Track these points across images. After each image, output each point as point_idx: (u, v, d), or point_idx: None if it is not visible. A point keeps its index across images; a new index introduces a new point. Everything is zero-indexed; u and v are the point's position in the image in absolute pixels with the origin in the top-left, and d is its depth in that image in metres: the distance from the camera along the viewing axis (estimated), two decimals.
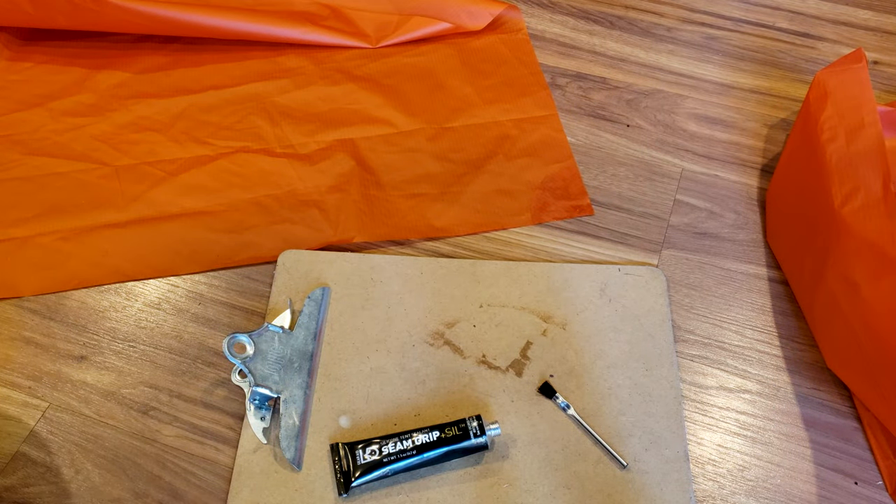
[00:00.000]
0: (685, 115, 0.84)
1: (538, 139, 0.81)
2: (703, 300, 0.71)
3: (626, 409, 0.63)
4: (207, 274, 0.71)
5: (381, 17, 0.88)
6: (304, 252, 0.71)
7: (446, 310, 0.68)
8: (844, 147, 0.64)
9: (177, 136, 0.80)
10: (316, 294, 0.67)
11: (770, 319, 0.70)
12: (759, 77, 0.88)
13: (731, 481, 0.61)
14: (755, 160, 0.81)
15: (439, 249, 0.73)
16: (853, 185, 0.62)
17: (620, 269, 0.71)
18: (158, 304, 0.69)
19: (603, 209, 0.76)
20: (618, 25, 0.93)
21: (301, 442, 0.60)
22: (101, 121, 0.81)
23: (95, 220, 0.74)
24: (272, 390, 0.61)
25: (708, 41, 0.91)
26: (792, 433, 0.64)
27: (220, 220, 0.74)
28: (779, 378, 0.66)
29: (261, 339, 0.63)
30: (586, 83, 0.87)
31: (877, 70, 0.89)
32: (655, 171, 0.79)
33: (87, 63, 0.86)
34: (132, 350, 0.67)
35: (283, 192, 0.76)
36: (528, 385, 0.64)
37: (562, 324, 0.67)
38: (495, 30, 0.91)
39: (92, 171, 0.77)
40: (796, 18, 0.94)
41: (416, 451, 0.58)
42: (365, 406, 0.63)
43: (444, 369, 0.65)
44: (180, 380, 0.65)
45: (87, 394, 0.64)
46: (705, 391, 0.66)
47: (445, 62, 0.88)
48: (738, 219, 0.76)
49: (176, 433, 0.62)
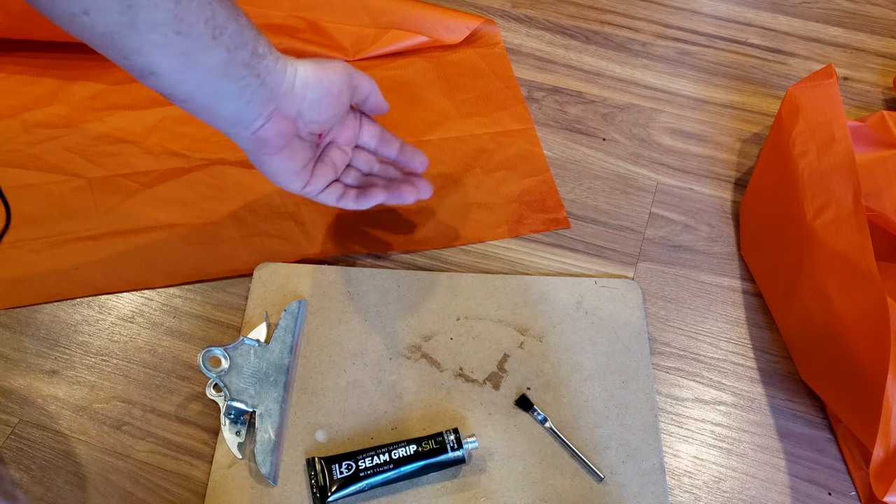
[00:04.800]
0: (660, 129, 0.85)
1: (515, 152, 0.82)
2: (679, 312, 0.71)
3: (603, 422, 0.63)
4: (182, 287, 0.71)
5: (359, 31, 0.88)
6: (281, 265, 0.71)
7: (423, 323, 0.68)
8: (816, 161, 0.65)
9: (151, 147, 0.79)
10: (292, 307, 0.66)
11: (744, 331, 0.70)
12: (732, 92, 0.89)
13: (707, 493, 0.62)
14: (729, 174, 0.82)
15: (416, 262, 0.73)
16: (825, 198, 0.63)
17: (597, 281, 0.71)
18: (132, 318, 0.69)
19: (579, 222, 0.77)
20: (593, 40, 0.94)
21: (277, 457, 0.60)
22: (74, 132, 0.80)
23: (68, 232, 0.73)
24: (248, 404, 0.60)
25: (682, 56, 0.93)
26: (766, 444, 0.64)
27: (196, 233, 0.73)
28: (753, 390, 0.67)
29: (236, 352, 0.62)
30: (562, 97, 0.88)
31: (847, 86, 0.91)
32: (631, 184, 0.80)
33: (61, 74, 0.85)
34: (105, 364, 0.66)
35: (259, 204, 0.76)
36: (506, 398, 0.64)
37: (539, 336, 0.68)
38: (472, 44, 0.92)
39: (65, 182, 0.76)
40: (768, 35, 0.96)
41: (393, 465, 0.58)
42: (341, 420, 0.62)
43: (421, 382, 0.65)
44: (154, 394, 0.64)
45: (58, 409, 0.63)
46: (681, 403, 0.66)
47: (422, 75, 0.88)
48: (713, 232, 0.77)
49: (149, 448, 0.62)
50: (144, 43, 0.45)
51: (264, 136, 0.55)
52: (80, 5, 0.43)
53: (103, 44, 0.46)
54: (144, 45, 0.45)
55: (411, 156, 0.67)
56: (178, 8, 0.45)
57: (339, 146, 0.63)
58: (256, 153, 0.57)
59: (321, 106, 0.57)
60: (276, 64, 0.53)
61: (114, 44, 0.45)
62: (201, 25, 0.46)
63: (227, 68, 0.49)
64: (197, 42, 0.47)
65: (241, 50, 0.50)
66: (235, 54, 0.49)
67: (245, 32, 0.50)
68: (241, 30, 0.49)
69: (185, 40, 0.46)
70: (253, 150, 0.56)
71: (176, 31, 0.45)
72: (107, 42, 0.45)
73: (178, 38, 0.46)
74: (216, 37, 0.47)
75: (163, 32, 0.45)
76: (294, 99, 0.55)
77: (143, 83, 0.49)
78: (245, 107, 0.52)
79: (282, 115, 0.55)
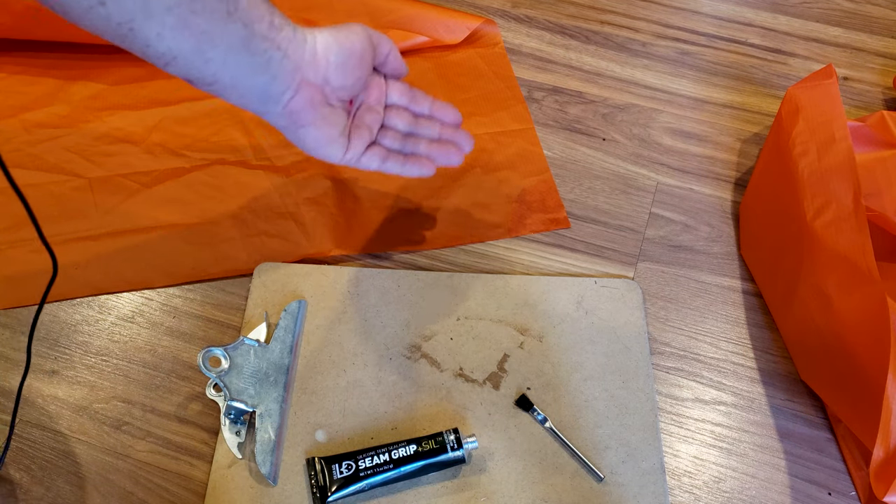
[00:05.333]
0: (660, 129, 0.85)
1: (515, 152, 0.82)
2: (679, 312, 0.71)
3: (603, 422, 0.63)
4: (182, 287, 0.71)
5: None
6: (281, 265, 0.71)
7: (423, 323, 0.68)
8: (816, 161, 0.65)
9: (152, 147, 0.79)
10: (292, 307, 0.66)
11: (744, 331, 0.70)
12: (732, 92, 0.89)
13: (707, 493, 0.62)
14: (729, 174, 0.82)
15: (416, 262, 0.73)
16: (825, 198, 0.63)
17: (597, 281, 0.71)
18: (132, 318, 0.69)
19: (579, 222, 0.77)
20: (594, 40, 0.94)
21: (277, 456, 0.60)
22: (74, 132, 0.80)
23: (68, 232, 0.73)
24: (248, 404, 0.60)
25: (682, 56, 0.93)
26: (766, 444, 0.64)
27: (196, 233, 0.73)
28: (753, 390, 0.67)
29: (236, 352, 0.62)
30: (562, 97, 0.88)
31: (847, 86, 0.91)
32: (631, 184, 0.80)
33: (62, 74, 0.85)
34: (105, 364, 0.66)
35: (259, 204, 0.76)
36: (506, 398, 0.64)
37: (539, 336, 0.68)
38: (472, 44, 0.91)
39: (65, 182, 0.76)
40: (768, 35, 0.96)
41: (392, 464, 0.58)
42: (341, 420, 0.62)
43: (421, 382, 0.65)
44: (154, 394, 0.64)
45: (58, 409, 0.63)
46: (681, 403, 0.66)
47: (423, 76, 0.88)
48: (713, 232, 0.77)
49: (149, 448, 0.62)
50: (163, 27, 0.45)
51: (295, 108, 0.55)
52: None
53: (122, 34, 0.46)
54: (164, 28, 0.45)
55: (444, 110, 0.66)
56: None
57: (370, 107, 0.63)
58: (292, 128, 0.56)
59: (346, 69, 0.57)
60: (294, 34, 0.53)
61: (132, 33, 0.45)
62: (215, 1, 0.46)
63: (248, 43, 0.50)
64: (213, 19, 0.47)
65: (258, 23, 0.50)
66: (253, 28, 0.49)
67: (259, 4, 0.50)
68: (253, 3, 0.49)
69: (201, 19, 0.46)
70: (287, 125, 0.56)
71: (191, 11, 0.45)
72: (125, 32, 0.45)
73: (194, 17, 0.46)
74: (231, 12, 0.48)
75: (178, 14, 0.45)
76: (318, 66, 0.55)
77: (168, 71, 0.49)
78: (272, 81, 0.52)
79: (309, 84, 0.55)
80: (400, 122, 0.65)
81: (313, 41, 0.55)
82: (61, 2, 0.44)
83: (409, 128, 0.65)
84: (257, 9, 0.50)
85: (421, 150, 0.65)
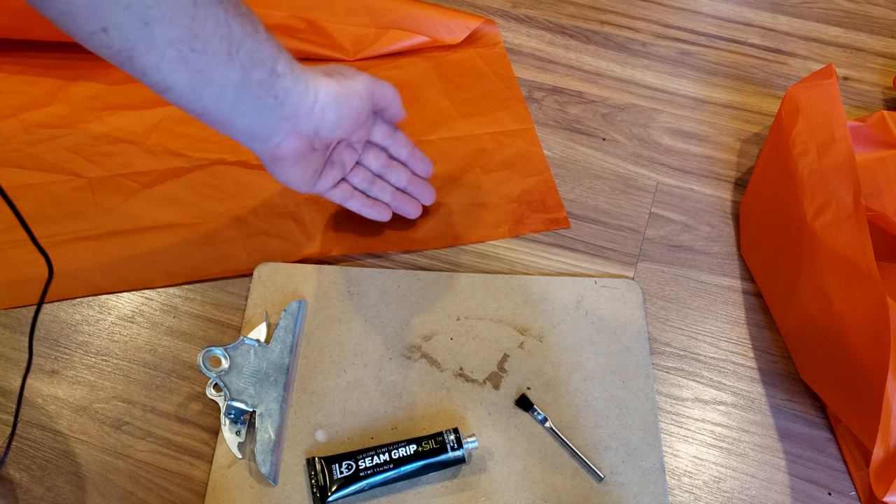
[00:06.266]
0: (660, 129, 0.85)
1: (515, 152, 0.82)
2: (679, 312, 0.71)
3: (603, 422, 0.63)
4: (182, 287, 0.71)
5: (359, 31, 0.88)
6: (281, 265, 0.71)
7: (423, 322, 0.68)
8: (816, 161, 0.65)
9: (152, 147, 0.79)
10: (292, 307, 0.67)
11: (744, 331, 0.70)
12: (732, 92, 0.89)
13: (707, 493, 0.62)
14: (729, 174, 0.82)
15: (416, 262, 0.73)
16: (825, 198, 0.63)
17: (597, 281, 0.71)
18: (132, 318, 0.69)
19: (579, 222, 0.77)
20: (593, 40, 0.94)
21: (277, 456, 0.60)
22: (74, 132, 0.80)
23: (68, 232, 0.73)
24: (248, 404, 0.60)
25: (682, 56, 0.93)
26: (766, 444, 0.64)
27: (196, 233, 0.73)
28: (753, 390, 0.67)
29: (236, 352, 0.62)
30: (562, 97, 0.88)
31: (847, 86, 0.91)
32: (631, 184, 0.80)
33: (61, 74, 0.85)
34: (105, 364, 0.66)
35: (259, 204, 0.76)
36: (506, 398, 0.64)
37: (539, 336, 0.68)
38: (472, 44, 0.92)
39: (65, 182, 0.76)
40: (768, 35, 0.96)
41: (393, 464, 0.58)
42: (342, 420, 0.62)
43: (421, 382, 0.65)
44: (154, 394, 0.64)
45: (58, 409, 0.63)
46: (681, 403, 0.66)
47: (423, 76, 0.88)
48: (713, 232, 0.77)
49: (149, 448, 0.62)
50: (161, 59, 0.46)
51: (278, 154, 0.56)
52: (98, 23, 0.43)
53: (121, 60, 0.46)
54: (161, 61, 0.46)
55: (418, 161, 0.70)
56: (194, 24, 0.45)
57: (349, 144, 0.64)
58: (269, 161, 0.58)
59: (339, 126, 0.58)
60: (295, 84, 0.53)
61: (132, 60, 0.46)
62: (217, 42, 0.47)
63: (243, 87, 0.50)
64: (212, 59, 0.47)
65: (258, 69, 0.50)
66: (251, 73, 0.50)
67: (263, 50, 0.50)
68: (258, 47, 0.49)
69: (200, 57, 0.47)
70: (267, 160, 0.58)
71: (191, 49, 0.46)
72: (125, 59, 0.46)
73: (194, 55, 0.46)
74: (232, 55, 0.48)
75: (178, 49, 0.45)
76: (312, 120, 0.55)
77: (161, 97, 0.49)
78: (261, 125, 0.53)
79: (298, 134, 0.55)
80: (374, 163, 0.67)
81: (314, 96, 0.55)
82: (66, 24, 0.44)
83: (380, 170, 0.67)
84: (260, 53, 0.50)
85: (385, 199, 0.69)
